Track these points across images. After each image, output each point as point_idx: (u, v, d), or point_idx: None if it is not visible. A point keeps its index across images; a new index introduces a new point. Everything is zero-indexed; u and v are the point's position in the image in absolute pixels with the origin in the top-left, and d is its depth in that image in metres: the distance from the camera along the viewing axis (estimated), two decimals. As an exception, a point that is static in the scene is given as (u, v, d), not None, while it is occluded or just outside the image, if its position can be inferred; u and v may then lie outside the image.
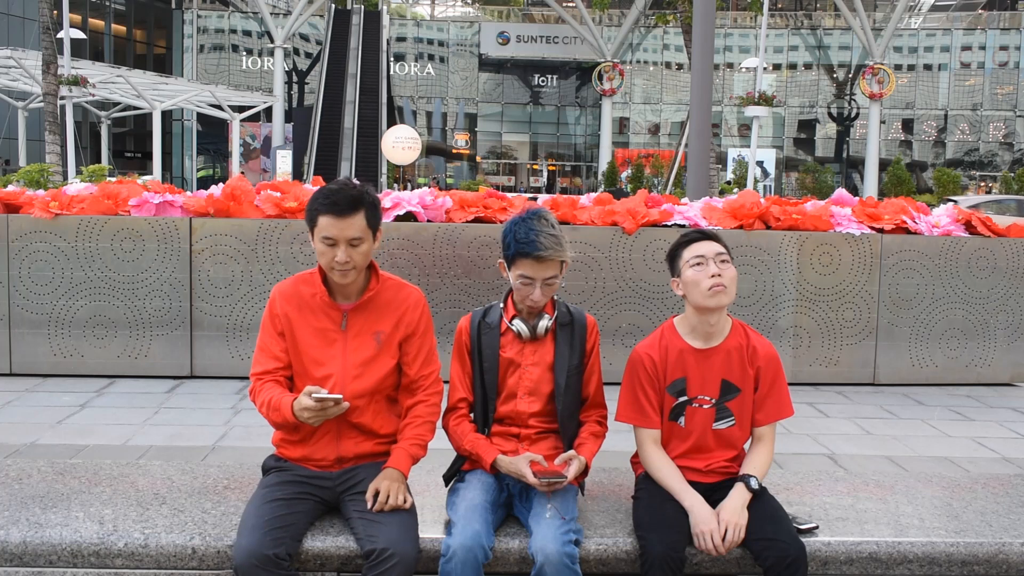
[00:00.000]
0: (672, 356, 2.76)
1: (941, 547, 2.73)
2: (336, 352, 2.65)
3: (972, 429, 4.71)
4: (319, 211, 2.54)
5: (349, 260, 2.53)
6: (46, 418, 4.43)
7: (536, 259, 2.62)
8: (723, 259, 2.68)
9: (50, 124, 19.41)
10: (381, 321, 2.67)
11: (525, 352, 2.76)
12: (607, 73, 38.54)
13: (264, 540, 2.36)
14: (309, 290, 2.67)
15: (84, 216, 5.21)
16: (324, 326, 2.65)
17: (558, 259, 2.65)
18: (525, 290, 2.68)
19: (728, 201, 5.64)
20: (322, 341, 2.65)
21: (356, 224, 2.53)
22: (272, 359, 2.65)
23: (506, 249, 2.69)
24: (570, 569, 2.41)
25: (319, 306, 2.66)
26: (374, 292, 2.67)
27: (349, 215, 2.52)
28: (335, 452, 2.67)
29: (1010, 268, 5.64)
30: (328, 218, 2.52)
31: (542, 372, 2.76)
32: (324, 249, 2.55)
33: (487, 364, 2.76)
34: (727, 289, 2.65)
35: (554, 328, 2.77)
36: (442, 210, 5.39)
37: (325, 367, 2.64)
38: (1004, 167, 39.26)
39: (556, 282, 2.69)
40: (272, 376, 2.65)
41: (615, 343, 5.31)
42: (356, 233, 2.53)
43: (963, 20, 41.85)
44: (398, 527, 2.45)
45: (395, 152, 26.27)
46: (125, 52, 40.60)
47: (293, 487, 2.60)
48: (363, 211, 2.55)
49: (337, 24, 35.21)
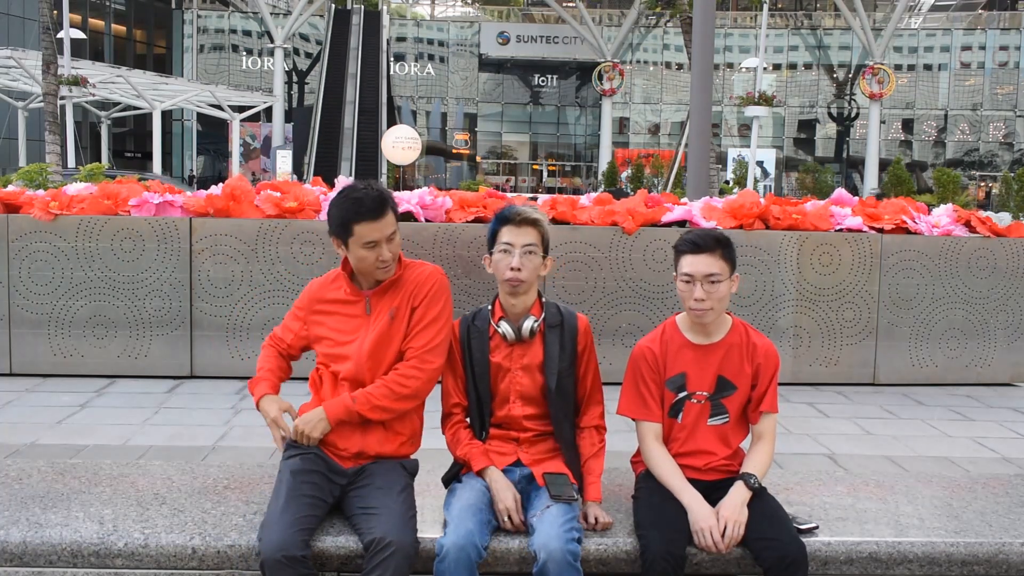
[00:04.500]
0: (672, 350, 2.77)
1: (941, 547, 2.73)
2: (358, 334, 2.73)
3: (972, 429, 4.70)
4: (355, 220, 2.62)
5: (392, 255, 2.67)
6: (46, 418, 4.43)
7: (515, 223, 2.71)
8: (713, 279, 2.66)
9: (50, 124, 19.42)
10: (396, 298, 2.75)
11: (513, 355, 2.76)
12: (607, 73, 38.57)
13: (295, 539, 2.39)
14: (335, 285, 2.82)
15: (84, 216, 5.21)
16: (349, 312, 2.76)
17: (536, 227, 2.72)
18: (505, 259, 2.70)
19: (728, 201, 5.64)
20: (346, 325, 2.75)
21: (389, 221, 2.66)
22: (284, 336, 2.89)
23: (489, 234, 2.78)
24: (572, 567, 2.40)
25: (345, 296, 2.77)
26: (397, 276, 2.76)
27: (383, 215, 2.64)
28: (359, 445, 2.70)
29: (1010, 268, 5.64)
30: (366, 224, 2.62)
31: (533, 375, 2.76)
32: (366, 253, 2.64)
33: (478, 369, 2.77)
34: (711, 311, 2.68)
35: (543, 329, 2.77)
36: (442, 210, 5.39)
37: (346, 346, 2.73)
38: (1004, 167, 39.25)
39: (536, 252, 2.71)
40: (278, 346, 2.89)
41: (615, 343, 5.31)
42: (391, 228, 2.67)
43: (963, 20, 41.87)
44: (395, 517, 2.47)
45: (395, 152, 26.28)
46: (125, 52, 40.61)
47: (317, 482, 2.60)
48: (391, 209, 2.67)
49: (337, 24, 35.23)
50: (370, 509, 2.53)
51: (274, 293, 5.23)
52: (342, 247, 2.69)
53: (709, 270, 2.66)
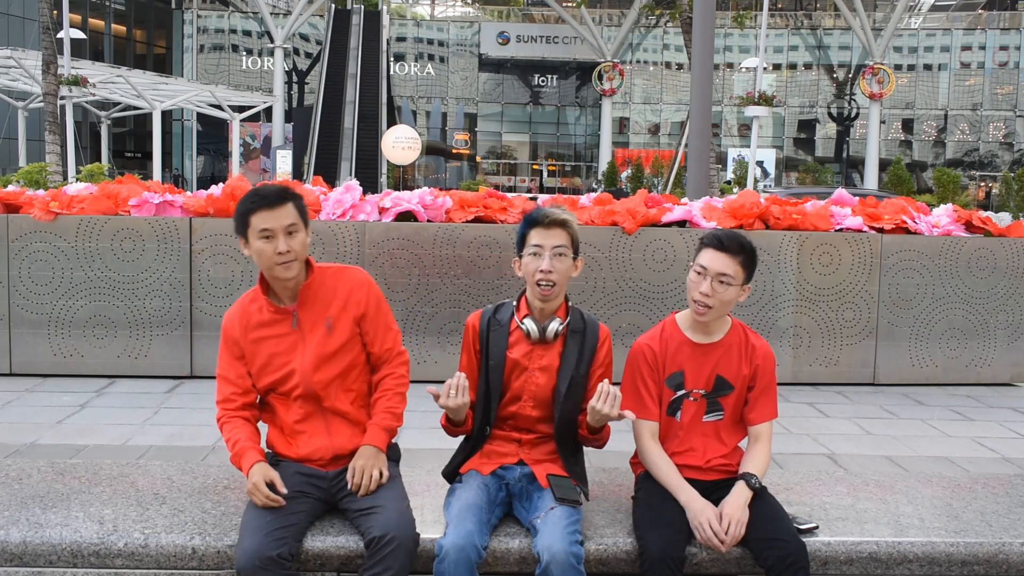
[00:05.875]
0: (672, 348, 2.78)
1: (941, 547, 2.73)
2: (296, 351, 2.69)
3: (972, 429, 4.70)
4: (251, 210, 2.61)
5: (289, 249, 2.59)
6: (46, 418, 4.43)
7: (544, 225, 2.68)
8: (724, 281, 2.66)
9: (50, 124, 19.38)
10: (329, 307, 2.71)
11: (533, 355, 2.74)
12: (607, 73, 38.54)
13: (267, 541, 2.38)
14: (255, 305, 2.73)
15: (84, 216, 5.21)
16: (278, 332, 2.70)
17: (566, 228, 2.69)
18: (535, 262, 2.68)
19: (728, 201, 5.64)
20: (280, 346, 2.70)
21: (288, 212, 2.61)
22: (232, 386, 2.72)
23: (518, 237, 2.75)
24: (575, 569, 2.40)
25: (268, 316, 2.70)
26: (313, 281, 2.71)
27: (280, 205, 2.61)
28: (330, 449, 2.70)
29: (1010, 268, 5.64)
30: (261, 213, 2.60)
31: (549, 377, 2.74)
32: (263, 246, 2.60)
33: (493, 362, 2.74)
34: (712, 309, 2.68)
35: (565, 333, 2.76)
36: (442, 210, 5.39)
37: (287, 367, 2.68)
38: (1004, 167, 39.24)
39: (567, 254, 2.69)
40: (236, 406, 2.71)
41: (615, 343, 5.29)
42: (290, 220, 2.61)
43: (963, 20, 41.85)
44: (393, 512, 2.49)
45: (395, 152, 26.27)
46: (125, 52, 40.59)
47: (292, 486, 2.61)
48: (291, 202, 2.64)
49: (337, 24, 35.20)
50: (367, 509, 2.54)
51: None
52: (245, 245, 2.66)
53: (724, 269, 2.66)
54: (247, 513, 2.54)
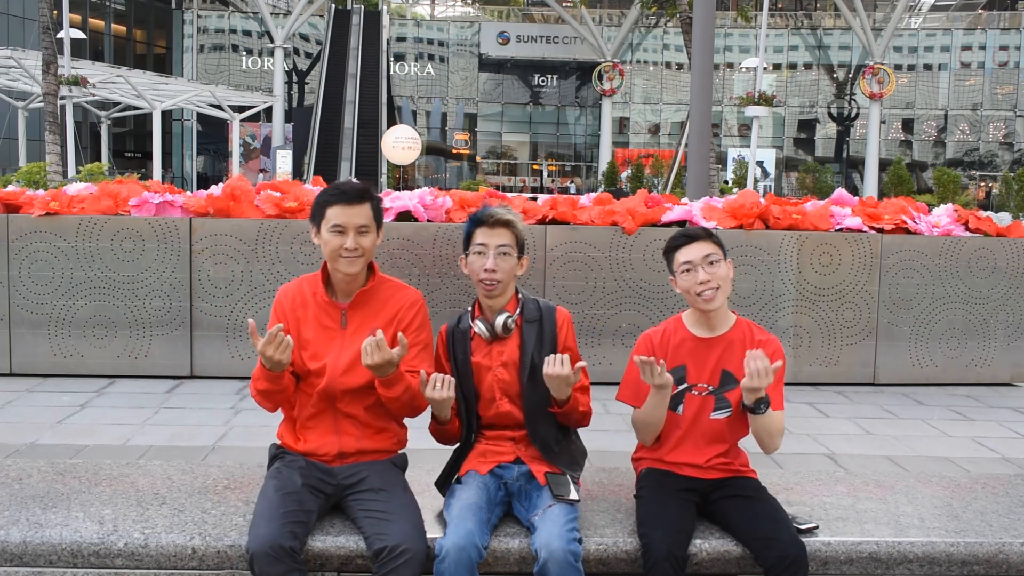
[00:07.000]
0: (674, 343, 2.80)
1: (941, 547, 2.73)
2: (334, 348, 2.71)
3: (972, 429, 4.70)
4: (328, 202, 2.67)
5: (357, 247, 2.65)
6: (46, 418, 4.43)
7: (489, 225, 2.74)
8: (712, 260, 2.71)
9: (50, 124, 19.38)
10: (378, 317, 2.73)
11: (492, 353, 2.78)
12: (607, 73, 38.53)
13: (282, 531, 2.39)
14: (311, 289, 2.78)
15: (84, 216, 5.21)
16: (325, 323, 2.74)
17: (510, 228, 2.75)
18: (479, 260, 2.74)
19: (728, 201, 5.64)
20: (323, 337, 2.73)
21: (363, 212, 2.67)
22: None
23: (464, 236, 2.81)
24: (574, 567, 2.40)
25: (320, 304, 2.75)
26: (372, 287, 2.74)
27: (357, 203, 2.67)
28: (336, 446, 2.70)
29: (1010, 268, 5.64)
30: (337, 207, 2.66)
31: (512, 371, 2.76)
32: (331, 238, 2.65)
33: (461, 370, 2.78)
34: (719, 290, 2.71)
35: (520, 324, 2.78)
36: (442, 210, 5.39)
37: (320, 360, 2.70)
38: (1004, 167, 39.24)
39: (511, 254, 2.74)
40: None
41: (615, 343, 5.31)
42: (364, 220, 2.66)
43: (963, 20, 41.84)
44: (408, 523, 2.48)
45: (395, 152, 26.27)
46: (125, 52, 40.59)
47: (303, 480, 2.61)
48: (369, 202, 2.70)
49: (337, 24, 35.20)
50: (377, 513, 2.52)
51: (274, 293, 5.20)
52: (316, 235, 2.71)
53: (705, 252, 2.72)
54: (260, 502, 2.54)
